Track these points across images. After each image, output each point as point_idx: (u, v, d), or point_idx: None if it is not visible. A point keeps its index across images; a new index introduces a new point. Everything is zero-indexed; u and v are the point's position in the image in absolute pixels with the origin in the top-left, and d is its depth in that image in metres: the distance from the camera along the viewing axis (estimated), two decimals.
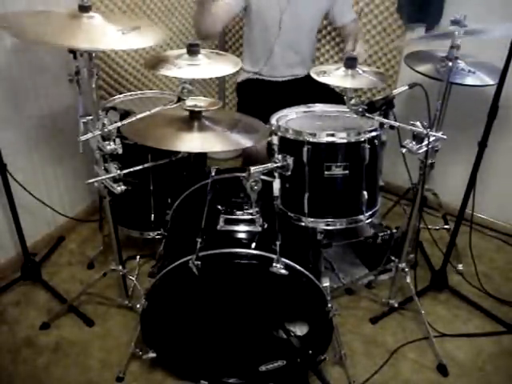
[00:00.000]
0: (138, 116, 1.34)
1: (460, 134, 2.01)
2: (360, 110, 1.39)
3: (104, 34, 1.24)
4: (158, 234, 1.94)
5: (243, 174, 1.39)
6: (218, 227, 1.44)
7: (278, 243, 1.35)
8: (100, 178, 1.39)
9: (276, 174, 1.47)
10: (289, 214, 1.50)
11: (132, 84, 2.28)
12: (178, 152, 1.81)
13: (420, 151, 1.40)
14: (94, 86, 1.31)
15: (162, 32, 1.38)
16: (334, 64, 1.63)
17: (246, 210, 1.47)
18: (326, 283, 1.47)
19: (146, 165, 1.65)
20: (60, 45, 1.19)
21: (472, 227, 1.93)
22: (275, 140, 1.47)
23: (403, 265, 1.73)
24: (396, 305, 1.82)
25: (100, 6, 1.98)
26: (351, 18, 2.21)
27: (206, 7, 1.80)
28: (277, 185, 1.48)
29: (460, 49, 1.37)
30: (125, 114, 1.73)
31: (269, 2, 1.99)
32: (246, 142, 1.46)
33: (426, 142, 1.38)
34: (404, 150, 1.42)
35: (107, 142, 1.33)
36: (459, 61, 1.72)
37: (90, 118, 1.37)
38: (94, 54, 1.28)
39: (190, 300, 1.42)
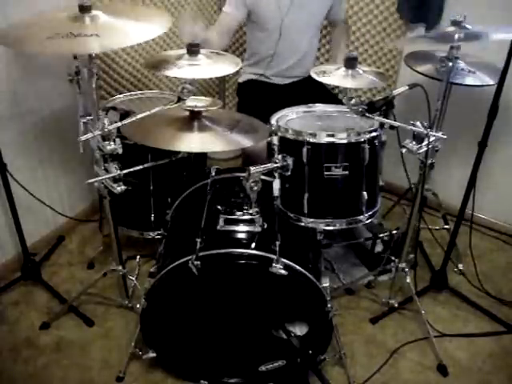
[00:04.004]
0: (138, 116, 1.34)
1: (460, 134, 2.01)
2: (360, 110, 1.38)
3: (112, 32, 1.23)
4: (158, 234, 1.94)
5: (243, 174, 1.39)
6: (218, 227, 1.44)
7: (277, 243, 1.34)
8: (100, 178, 1.39)
9: (276, 174, 1.47)
10: (288, 214, 1.50)
11: (132, 84, 2.28)
12: (178, 152, 1.81)
13: (420, 151, 1.40)
14: (94, 85, 1.31)
15: (167, 17, 1.35)
16: (333, 64, 1.63)
17: (246, 210, 1.47)
18: (325, 283, 1.47)
19: (146, 165, 1.65)
20: (70, 52, 1.18)
21: (472, 227, 1.93)
22: (275, 140, 1.47)
23: (403, 265, 1.73)
24: (396, 305, 1.82)
25: (100, 6, 1.97)
26: (343, 15, 2.23)
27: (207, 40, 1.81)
28: (277, 185, 1.48)
29: (460, 49, 1.37)
30: (125, 114, 1.73)
31: (269, 6, 1.98)
32: (246, 141, 1.46)
33: (426, 142, 1.38)
34: (404, 150, 1.42)
35: (107, 142, 1.32)
36: (459, 61, 1.72)
37: (90, 118, 1.37)
38: (94, 54, 1.28)
39: (189, 300, 1.42)
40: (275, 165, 1.44)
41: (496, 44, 1.41)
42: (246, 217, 1.46)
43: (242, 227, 1.45)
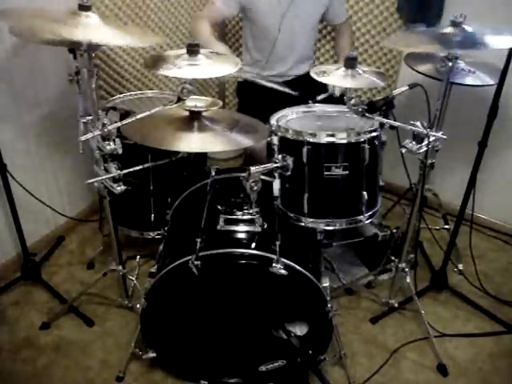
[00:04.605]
0: (138, 116, 1.34)
1: (460, 133, 2.00)
2: (360, 110, 1.38)
3: (101, 31, 1.26)
4: (157, 234, 1.94)
5: (243, 174, 1.39)
6: (218, 227, 1.44)
7: (277, 243, 1.35)
8: (100, 178, 1.39)
9: (276, 174, 1.47)
10: (289, 214, 1.50)
11: (132, 84, 2.28)
12: (178, 152, 1.81)
13: (420, 151, 1.40)
14: (93, 86, 1.31)
15: (158, 37, 1.43)
16: (333, 64, 1.63)
17: (246, 210, 1.47)
18: (325, 283, 1.47)
19: (146, 165, 1.65)
20: (57, 37, 1.21)
21: (472, 227, 1.93)
22: (275, 140, 1.47)
23: (403, 265, 1.73)
24: (396, 305, 1.82)
25: (100, 5, 1.98)
26: (345, 17, 2.24)
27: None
28: (277, 185, 1.48)
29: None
30: (125, 114, 1.73)
31: (269, 4, 1.98)
32: (245, 141, 1.46)
33: (426, 142, 1.38)
34: (404, 150, 1.42)
35: (107, 142, 1.33)
36: (459, 61, 1.72)
37: (90, 118, 1.37)
38: (93, 54, 1.28)
39: (189, 300, 1.42)
40: (275, 165, 1.44)
41: None
42: (246, 217, 1.46)
43: (242, 227, 1.45)
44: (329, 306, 1.41)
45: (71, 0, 1.35)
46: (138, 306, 1.47)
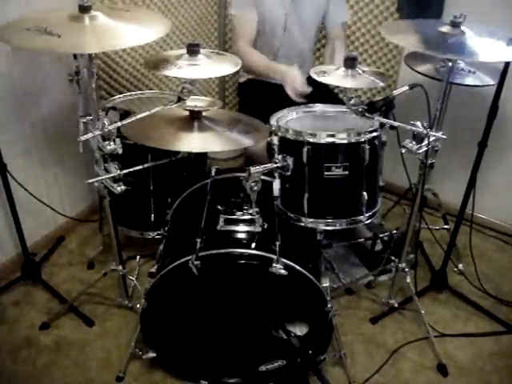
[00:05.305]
0: (138, 116, 1.34)
1: (460, 134, 2.01)
2: (360, 110, 1.38)
3: (110, 33, 1.23)
4: (158, 234, 1.94)
5: (243, 174, 1.39)
6: (218, 227, 1.44)
7: (277, 243, 1.34)
8: (100, 178, 1.39)
9: (276, 174, 1.47)
10: (288, 214, 1.49)
11: (132, 84, 2.28)
12: (178, 152, 1.81)
13: (420, 151, 1.40)
14: (93, 86, 1.31)
15: (165, 22, 1.36)
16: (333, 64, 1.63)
17: (246, 210, 1.46)
18: (325, 283, 1.47)
19: (146, 165, 1.66)
20: (67, 51, 1.18)
21: (472, 227, 1.93)
22: (275, 140, 1.47)
23: (403, 265, 1.73)
24: (396, 305, 1.82)
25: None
26: (344, 19, 2.18)
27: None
28: (277, 185, 1.48)
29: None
30: (125, 114, 1.73)
31: (273, 5, 1.98)
32: (246, 141, 1.46)
33: (425, 142, 1.38)
34: (404, 150, 1.42)
35: (107, 142, 1.32)
36: (459, 61, 1.72)
37: (90, 118, 1.37)
38: (93, 54, 1.28)
39: (189, 300, 1.42)
40: (275, 165, 1.44)
41: None
42: (246, 217, 1.45)
43: (242, 227, 1.45)
44: (329, 306, 1.41)
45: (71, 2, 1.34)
46: (137, 305, 1.47)
